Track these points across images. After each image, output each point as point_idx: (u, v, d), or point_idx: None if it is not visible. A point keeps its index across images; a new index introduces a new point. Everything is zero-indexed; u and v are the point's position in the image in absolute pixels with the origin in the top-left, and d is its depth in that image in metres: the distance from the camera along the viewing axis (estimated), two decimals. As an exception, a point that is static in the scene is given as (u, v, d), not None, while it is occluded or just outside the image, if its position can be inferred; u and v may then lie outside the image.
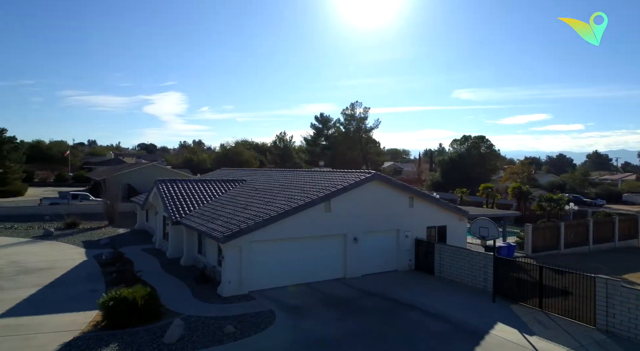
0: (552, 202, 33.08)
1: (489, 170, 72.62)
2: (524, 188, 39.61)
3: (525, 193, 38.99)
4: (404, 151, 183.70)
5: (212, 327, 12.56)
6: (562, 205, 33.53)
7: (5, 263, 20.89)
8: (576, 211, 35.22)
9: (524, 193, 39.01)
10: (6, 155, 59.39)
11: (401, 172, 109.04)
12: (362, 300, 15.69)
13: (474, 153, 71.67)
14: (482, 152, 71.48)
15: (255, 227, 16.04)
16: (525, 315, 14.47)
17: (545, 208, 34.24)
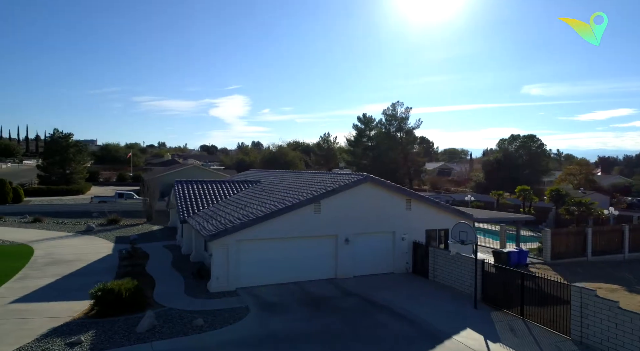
0: (581, 206, 30.85)
1: (540, 172, 68.69)
2: (562, 190, 37.21)
3: (563, 196, 36.62)
4: (463, 151, 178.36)
5: (185, 320, 13.53)
6: (592, 210, 31.19)
7: (42, 255, 23.44)
8: (616, 216, 32.54)
9: (562, 196, 36.65)
10: (72, 157, 65.60)
11: (450, 173, 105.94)
12: (340, 300, 16.01)
13: (523, 153, 68.18)
14: (532, 152, 67.82)
15: (242, 226, 16.88)
16: (501, 322, 14.06)
17: (573, 212, 32.03)
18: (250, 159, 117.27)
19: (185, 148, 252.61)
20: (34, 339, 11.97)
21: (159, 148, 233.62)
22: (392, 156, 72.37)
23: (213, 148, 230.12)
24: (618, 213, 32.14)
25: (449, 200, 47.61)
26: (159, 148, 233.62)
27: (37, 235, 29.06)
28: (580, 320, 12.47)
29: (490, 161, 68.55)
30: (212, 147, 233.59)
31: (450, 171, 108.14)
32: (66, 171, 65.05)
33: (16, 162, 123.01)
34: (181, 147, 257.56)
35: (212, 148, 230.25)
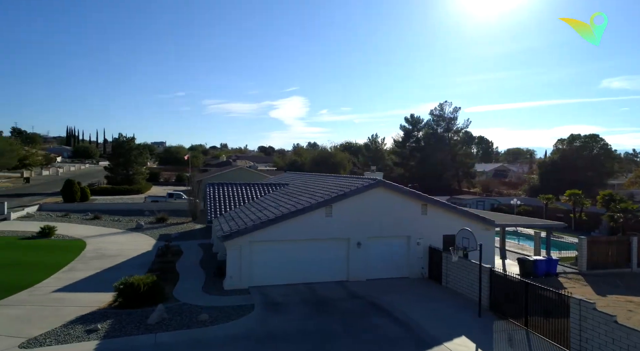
0: (627, 213, 28.42)
1: (605, 174, 63.98)
2: (616, 195, 34.49)
3: (617, 201, 33.94)
4: (528, 151, 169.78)
5: (192, 314, 14.64)
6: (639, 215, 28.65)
7: (91, 249, 25.99)
8: None
9: (616, 201, 33.97)
10: (133, 159, 70.88)
11: (507, 174, 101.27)
12: (344, 302, 16.43)
13: (584, 154, 63.83)
14: (595, 152, 63.32)
15: (253, 228, 17.84)
16: (501, 332, 13.80)
17: (617, 219, 29.64)
18: (302, 160, 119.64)
19: (246, 149, 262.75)
20: (61, 325, 13.62)
21: (220, 150, 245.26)
22: (439, 157, 70.74)
23: (270, 149, 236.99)
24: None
25: (494, 204, 45.89)
26: (220, 150, 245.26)
27: (92, 231, 32.11)
28: (580, 333, 12.00)
29: (546, 162, 64.81)
30: (269, 148, 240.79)
31: (506, 172, 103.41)
32: (129, 172, 70.37)
33: (93, 163, 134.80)
34: (241, 148, 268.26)
35: (269, 149, 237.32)
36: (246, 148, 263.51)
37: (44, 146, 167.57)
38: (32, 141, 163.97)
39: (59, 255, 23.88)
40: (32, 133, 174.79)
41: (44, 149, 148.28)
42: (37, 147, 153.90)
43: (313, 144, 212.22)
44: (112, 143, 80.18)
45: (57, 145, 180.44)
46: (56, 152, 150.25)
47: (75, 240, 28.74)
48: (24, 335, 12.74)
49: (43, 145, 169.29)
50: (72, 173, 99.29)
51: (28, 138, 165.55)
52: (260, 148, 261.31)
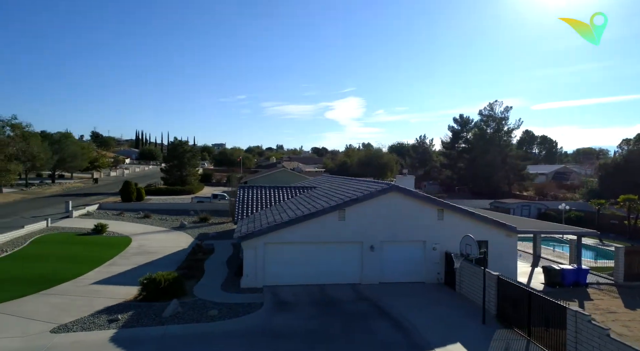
0: None
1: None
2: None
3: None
4: (601, 150, 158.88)
5: (203, 310, 15.77)
6: None
7: (134, 246, 28.27)
8: None
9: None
10: (187, 161, 75.03)
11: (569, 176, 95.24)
12: (351, 304, 16.83)
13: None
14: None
15: (267, 230, 18.75)
16: (500, 340, 13.60)
17: None
18: (351, 161, 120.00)
19: (300, 150, 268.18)
20: (89, 314, 15.27)
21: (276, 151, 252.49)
22: (488, 159, 68.20)
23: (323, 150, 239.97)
24: None
25: (542, 209, 43.73)
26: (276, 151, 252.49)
27: (139, 229, 34.76)
28: (576, 346, 11.64)
29: (607, 164, 60.30)
30: (322, 149, 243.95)
31: (567, 174, 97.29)
32: (183, 173, 74.57)
33: (157, 164, 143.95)
34: (296, 149, 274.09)
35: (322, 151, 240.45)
36: (301, 150, 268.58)
37: (116, 149, 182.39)
38: (106, 144, 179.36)
39: (105, 250, 26.26)
40: (107, 137, 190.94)
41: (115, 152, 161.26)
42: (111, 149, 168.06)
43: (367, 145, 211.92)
44: (168, 147, 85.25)
45: (127, 147, 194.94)
46: (125, 154, 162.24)
47: (123, 237, 31.30)
48: (58, 321, 14.47)
49: (115, 148, 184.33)
50: (135, 175, 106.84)
51: (103, 141, 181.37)
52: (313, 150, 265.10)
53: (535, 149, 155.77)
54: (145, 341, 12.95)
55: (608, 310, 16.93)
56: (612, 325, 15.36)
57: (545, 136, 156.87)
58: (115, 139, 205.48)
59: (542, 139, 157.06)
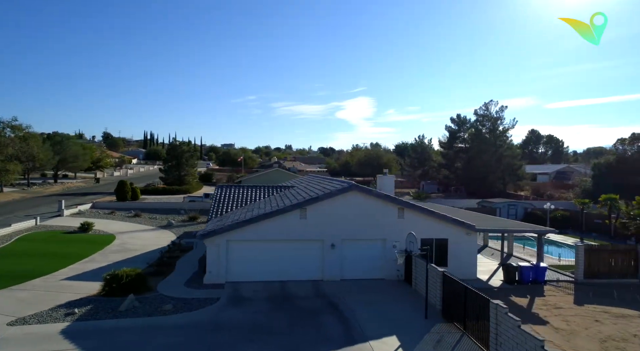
0: (638, 220, 25.92)
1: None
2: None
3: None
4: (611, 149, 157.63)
5: (159, 304, 16.39)
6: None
7: (117, 244, 29.07)
8: None
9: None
10: (185, 161, 76.04)
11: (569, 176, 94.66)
12: (306, 301, 17.35)
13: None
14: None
15: (229, 228, 19.35)
16: (436, 334, 14.04)
17: (629, 226, 27.14)
18: (352, 162, 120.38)
19: (309, 150, 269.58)
20: (49, 308, 15.96)
21: (284, 151, 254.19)
22: (484, 159, 68.19)
23: (330, 150, 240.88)
24: None
25: (528, 209, 43.82)
26: (284, 151, 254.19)
27: (127, 228, 35.60)
28: (496, 336, 12.07)
29: (601, 164, 60.06)
30: (329, 149, 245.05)
31: (567, 174, 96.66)
32: (181, 173, 75.62)
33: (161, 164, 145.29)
34: (305, 149, 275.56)
35: (328, 150, 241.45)
36: (310, 150, 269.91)
37: (124, 149, 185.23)
38: (115, 145, 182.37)
39: (87, 248, 27.07)
40: (116, 138, 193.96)
41: (122, 152, 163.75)
42: (119, 150, 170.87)
43: (375, 145, 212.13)
44: (167, 147, 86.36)
45: (136, 148, 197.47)
46: (133, 155, 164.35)
47: (108, 235, 32.13)
48: (18, 315, 15.18)
49: (124, 148, 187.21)
50: (140, 174, 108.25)
51: (112, 142, 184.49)
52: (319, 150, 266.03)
53: (542, 149, 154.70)
54: (92, 333, 13.60)
55: (555, 305, 17.25)
56: (553, 319, 15.72)
57: (552, 135, 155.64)
58: (125, 140, 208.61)
59: (549, 138, 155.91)
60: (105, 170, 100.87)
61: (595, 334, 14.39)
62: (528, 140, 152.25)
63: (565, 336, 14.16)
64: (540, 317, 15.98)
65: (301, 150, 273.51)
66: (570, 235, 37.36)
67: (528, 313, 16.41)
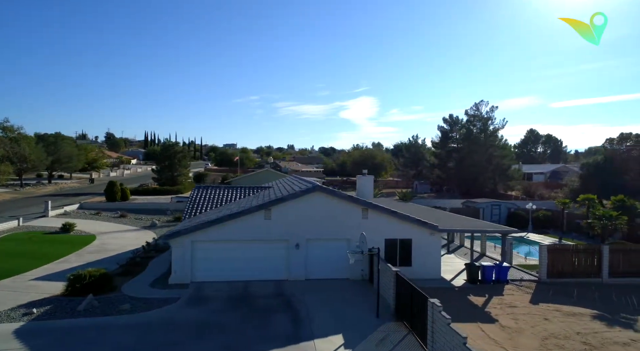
0: (601, 219, 26.04)
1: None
2: (629, 201, 31.69)
3: (630, 208, 31.19)
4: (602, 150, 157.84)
5: (118, 304, 16.66)
6: (619, 225, 26.06)
7: (96, 244, 29.39)
8: None
9: (629, 208, 31.24)
10: (177, 162, 76.44)
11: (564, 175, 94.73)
12: (265, 300, 17.62)
13: (635, 155, 58.56)
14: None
15: (194, 229, 19.64)
16: (383, 332, 14.29)
17: (595, 227, 27.29)
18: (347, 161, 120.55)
19: (311, 150, 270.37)
20: (9, 308, 16.22)
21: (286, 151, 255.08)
22: (474, 159, 68.34)
23: (330, 150, 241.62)
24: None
25: (511, 209, 43.97)
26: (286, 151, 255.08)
27: (109, 228, 35.94)
28: (432, 334, 12.35)
29: (589, 164, 60.20)
30: (330, 149, 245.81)
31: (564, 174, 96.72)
32: (174, 174, 76.01)
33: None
34: (307, 149, 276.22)
35: (329, 150, 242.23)
36: (312, 149, 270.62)
37: (125, 149, 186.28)
38: (116, 145, 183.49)
39: (64, 248, 27.39)
40: (117, 138, 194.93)
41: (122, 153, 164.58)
42: (120, 150, 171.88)
43: (377, 144, 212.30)
44: (160, 147, 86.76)
45: (137, 148, 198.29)
46: (133, 155, 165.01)
47: (89, 235, 32.44)
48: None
49: (125, 148, 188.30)
50: (137, 175, 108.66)
51: (113, 142, 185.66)
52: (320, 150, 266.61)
53: (540, 148, 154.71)
54: (44, 333, 13.87)
55: (510, 304, 17.49)
56: (504, 318, 15.97)
57: (550, 135, 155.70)
58: (128, 140, 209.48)
59: (547, 138, 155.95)
60: (101, 171, 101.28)
61: (539, 332, 14.63)
62: (527, 139, 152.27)
63: (510, 334, 14.40)
64: (491, 316, 16.22)
65: (303, 150, 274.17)
66: (550, 235, 37.56)
67: (480, 312, 16.66)
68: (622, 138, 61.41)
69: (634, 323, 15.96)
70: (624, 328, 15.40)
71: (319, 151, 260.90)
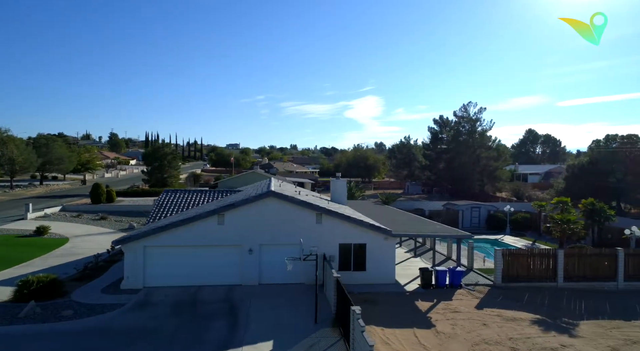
0: (563, 224, 25.93)
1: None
2: (598, 205, 31.55)
3: (599, 211, 31.08)
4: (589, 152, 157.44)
5: (60, 310, 16.72)
6: (576, 229, 25.95)
7: (66, 248, 29.51)
8: None
9: (598, 211, 31.12)
10: (167, 163, 76.66)
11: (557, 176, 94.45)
12: (209, 305, 17.67)
13: (622, 157, 58.28)
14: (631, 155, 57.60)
15: (144, 234, 19.75)
16: (314, 339, 14.33)
17: (552, 231, 27.19)
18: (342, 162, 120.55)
19: (315, 150, 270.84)
20: (-48, 313, 16.40)
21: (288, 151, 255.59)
22: (462, 160, 68.34)
23: (332, 150, 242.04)
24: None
25: (491, 211, 43.94)
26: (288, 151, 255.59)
27: (85, 231, 36.09)
28: (354, 339, 12.43)
29: (574, 165, 60.02)
30: (332, 149, 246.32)
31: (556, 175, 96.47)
32: (164, 175, 76.24)
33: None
34: (311, 149, 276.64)
35: (330, 150, 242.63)
36: (315, 149, 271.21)
37: (126, 150, 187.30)
38: (117, 146, 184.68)
39: (31, 252, 27.52)
40: (119, 139, 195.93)
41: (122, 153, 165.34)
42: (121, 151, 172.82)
43: (380, 144, 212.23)
44: (150, 149, 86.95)
45: (138, 148, 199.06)
46: (132, 156, 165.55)
47: (62, 238, 32.59)
48: None
49: (126, 149, 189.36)
50: (133, 175, 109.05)
51: (115, 143, 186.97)
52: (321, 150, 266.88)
53: (539, 149, 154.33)
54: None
55: (455, 310, 17.51)
56: (442, 323, 15.98)
57: (549, 135, 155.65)
58: (131, 140, 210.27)
59: (546, 138, 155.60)
60: (95, 172, 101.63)
61: (472, 338, 14.65)
62: (525, 139, 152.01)
63: (442, 340, 14.43)
64: (431, 321, 16.24)
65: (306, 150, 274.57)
66: (526, 238, 37.55)
67: (422, 317, 16.68)
68: (608, 140, 61.19)
69: (572, 328, 15.96)
70: (560, 333, 15.40)
71: (320, 151, 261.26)
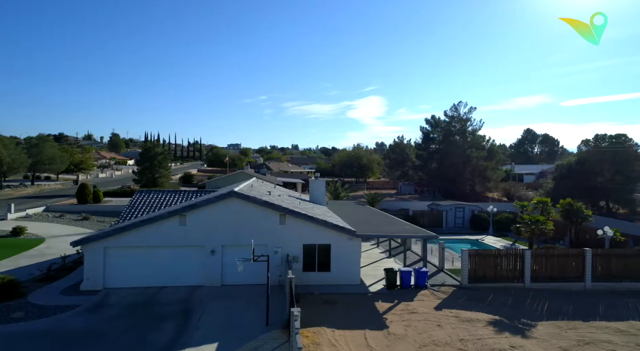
0: (532, 225, 25.71)
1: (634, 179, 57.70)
2: (576, 205, 31.30)
3: (577, 212, 30.86)
4: None
5: (10, 312, 16.54)
6: (544, 229, 25.73)
7: (40, 248, 29.35)
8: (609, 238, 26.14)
9: (576, 212, 30.89)
10: (157, 163, 76.53)
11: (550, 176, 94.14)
12: (165, 307, 17.47)
13: (610, 157, 58.05)
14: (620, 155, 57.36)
15: (105, 235, 19.59)
16: (260, 341, 14.16)
17: (521, 231, 26.97)
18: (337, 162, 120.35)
19: (316, 150, 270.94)
20: None
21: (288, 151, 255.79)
22: (453, 160, 68.11)
23: (332, 150, 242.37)
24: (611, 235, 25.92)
25: (475, 211, 43.72)
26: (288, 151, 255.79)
27: (64, 231, 35.91)
28: (295, 344, 12.22)
29: (563, 165, 59.77)
30: (331, 149, 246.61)
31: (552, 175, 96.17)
32: (154, 175, 76.11)
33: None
34: (312, 149, 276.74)
35: (330, 150, 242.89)
36: (317, 149, 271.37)
37: (125, 150, 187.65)
38: (117, 146, 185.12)
39: (3, 252, 27.36)
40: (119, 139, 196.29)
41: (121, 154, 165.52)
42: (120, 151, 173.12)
43: (380, 144, 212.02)
44: (141, 149, 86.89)
45: (137, 148, 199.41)
46: (131, 156, 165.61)
47: (38, 239, 32.43)
48: None
49: (125, 149, 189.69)
50: (127, 176, 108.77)
51: (114, 143, 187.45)
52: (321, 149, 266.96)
53: (536, 148, 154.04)
54: None
55: (413, 311, 17.28)
56: (396, 324, 15.76)
57: (547, 134, 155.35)
58: (133, 140, 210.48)
59: (544, 138, 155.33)
60: (89, 172, 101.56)
61: (423, 339, 14.44)
62: (523, 139, 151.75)
63: (391, 341, 14.23)
64: (385, 322, 16.03)
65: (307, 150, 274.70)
66: (507, 238, 37.36)
67: (377, 318, 16.47)
68: (597, 139, 60.95)
69: (528, 329, 15.76)
70: (514, 334, 15.20)
71: (320, 151, 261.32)
